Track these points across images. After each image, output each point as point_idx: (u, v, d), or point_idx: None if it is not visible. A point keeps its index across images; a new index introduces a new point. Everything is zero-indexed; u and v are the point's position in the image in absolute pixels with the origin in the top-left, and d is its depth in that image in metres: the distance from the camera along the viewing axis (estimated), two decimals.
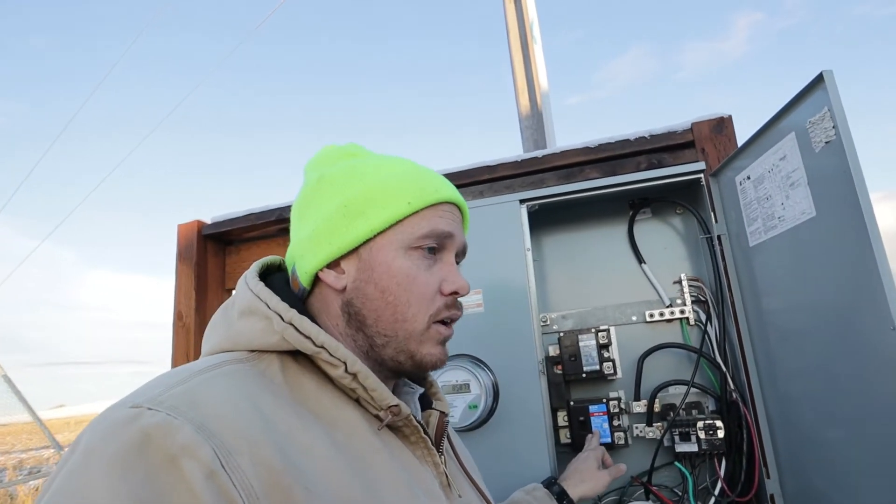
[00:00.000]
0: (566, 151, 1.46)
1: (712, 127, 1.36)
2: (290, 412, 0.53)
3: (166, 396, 0.47)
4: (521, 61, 4.56)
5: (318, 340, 0.57)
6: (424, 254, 0.64)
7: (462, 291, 0.66)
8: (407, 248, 0.64)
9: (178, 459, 0.43)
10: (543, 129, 4.42)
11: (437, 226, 0.65)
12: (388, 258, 0.63)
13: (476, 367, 1.27)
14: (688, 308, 1.35)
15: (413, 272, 0.63)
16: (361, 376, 0.58)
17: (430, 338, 0.64)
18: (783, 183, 1.01)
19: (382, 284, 0.63)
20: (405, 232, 0.64)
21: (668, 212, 1.44)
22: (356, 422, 0.58)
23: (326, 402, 0.58)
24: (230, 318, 0.63)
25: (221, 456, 0.44)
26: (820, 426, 1.02)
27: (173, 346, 1.80)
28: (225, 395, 0.50)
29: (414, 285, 0.63)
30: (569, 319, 1.45)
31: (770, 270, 1.11)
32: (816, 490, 1.05)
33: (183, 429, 0.44)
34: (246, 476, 0.45)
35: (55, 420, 21.54)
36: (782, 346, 1.10)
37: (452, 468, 0.71)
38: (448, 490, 0.64)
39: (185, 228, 1.89)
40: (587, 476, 1.08)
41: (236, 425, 0.47)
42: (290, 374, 0.58)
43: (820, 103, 0.88)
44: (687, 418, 1.22)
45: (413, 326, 0.63)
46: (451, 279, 0.65)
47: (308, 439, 0.52)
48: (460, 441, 0.86)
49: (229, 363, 0.56)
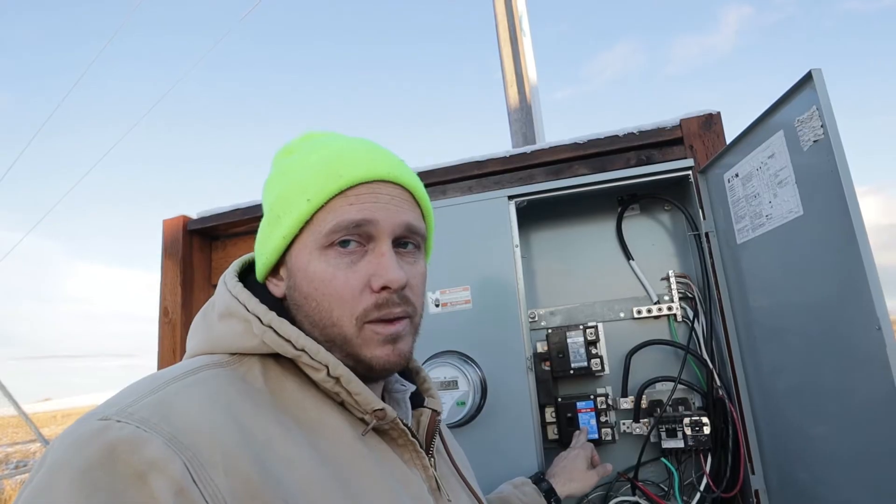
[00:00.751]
0: (555, 147, 1.45)
1: (701, 123, 1.36)
2: (270, 420, 0.51)
3: (137, 407, 0.46)
4: (510, 54, 4.54)
5: (298, 344, 0.55)
6: (340, 251, 0.58)
7: (393, 285, 0.58)
8: (320, 249, 0.58)
9: (146, 476, 0.41)
10: (532, 123, 4.41)
11: (345, 216, 0.58)
12: (304, 263, 0.59)
13: (464, 364, 1.27)
14: (675, 305, 1.35)
15: (328, 274, 0.58)
16: (344, 380, 0.56)
17: (367, 340, 0.58)
18: (771, 181, 1.01)
19: (304, 291, 0.59)
20: (314, 232, 0.59)
21: (657, 208, 1.44)
22: (340, 427, 0.56)
23: (309, 406, 0.56)
24: (210, 320, 0.61)
25: (193, 470, 0.43)
26: (804, 422, 1.03)
27: (159, 342, 1.78)
28: (199, 404, 0.48)
29: (330, 287, 0.57)
30: (557, 315, 1.45)
31: (757, 268, 1.12)
32: (800, 485, 1.06)
33: (152, 442, 0.42)
34: (219, 490, 0.43)
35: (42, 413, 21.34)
36: (768, 344, 1.11)
37: (444, 469, 0.69)
38: (437, 494, 0.62)
39: (170, 224, 1.86)
40: (576, 475, 1.08)
41: (210, 436, 0.45)
42: (271, 378, 0.56)
43: (808, 102, 0.88)
44: (673, 414, 1.23)
45: (342, 331, 0.58)
46: (379, 272, 0.58)
47: (289, 449, 0.50)
48: (454, 439, 0.84)
49: (208, 368, 0.54)
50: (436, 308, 1.35)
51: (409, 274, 0.61)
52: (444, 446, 0.72)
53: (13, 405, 6.78)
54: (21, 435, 9.86)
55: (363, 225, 0.58)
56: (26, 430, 7.23)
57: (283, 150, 0.68)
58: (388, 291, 0.58)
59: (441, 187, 1.55)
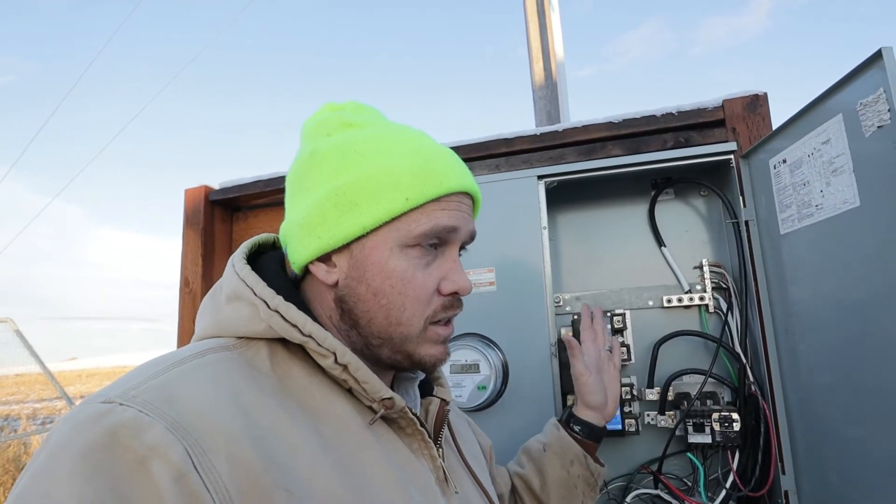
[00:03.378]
0: (588, 126, 1.39)
1: (745, 105, 1.28)
2: (275, 405, 0.50)
3: (141, 390, 0.45)
4: (537, 28, 4.42)
5: (305, 330, 0.54)
6: (423, 251, 0.59)
7: (463, 292, 0.61)
8: (403, 247, 0.58)
9: (147, 461, 0.40)
10: (557, 101, 4.30)
11: (439, 222, 0.58)
12: (382, 258, 0.58)
13: (486, 347, 1.23)
14: (708, 295, 1.30)
15: (409, 273, 0.58)
16: (352, 367, 0.55)
17: (427, 339, 0.60)
18: (824, 169, 0.94)
19: (375, 286, 0.58)
20: (401, 229, 0.58)
21: (692, 193, 1.38)
22: (347, 414, 0.55)
23: (316, 392, 0.55)
24: (218, 303, 0.60)
25: (194, 456, 0.42)
26: (840, 424, 0.98)
27: (180, 312, 1.78)
28: (204, 388, 0.47)
29: (409, 287, 0.58)
30: (583, 301, 1.41)
31: (800, 260, 1.05)
32: (833, 488, 1.01)
33: (154, 427, 0.42)
34: (220, 477, 0.42)
35: (68, 372, 22.07)
36: (807, 340, 1.05)
37: (452, 460, 0.68)
38: (445, 485, 0.61)
39: (191, 193, 1.85)
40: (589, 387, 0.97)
41: (214, 422, 0.45)
42: (278, 363, 0.55)
43: (875, 83, 0.81)
44: (702, 409, 1.18)
45: (408, 330, 0.59)
46: (452, 278, 0.60)
47: (293, 435, 0.49)
48: (465, 427, 0.83)
49: (214, 351, 0.53)
50: None
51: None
52: (453, 436, 0.71)
53: (38, 363, 7.00)
54: (48, 392, 10.20)
55: (451, 232, 0.60)
56: (53, 388, 7.47)
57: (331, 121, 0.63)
58: (455, 296, 0.62)
59: (467, 164, 1.50)
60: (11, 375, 8.90)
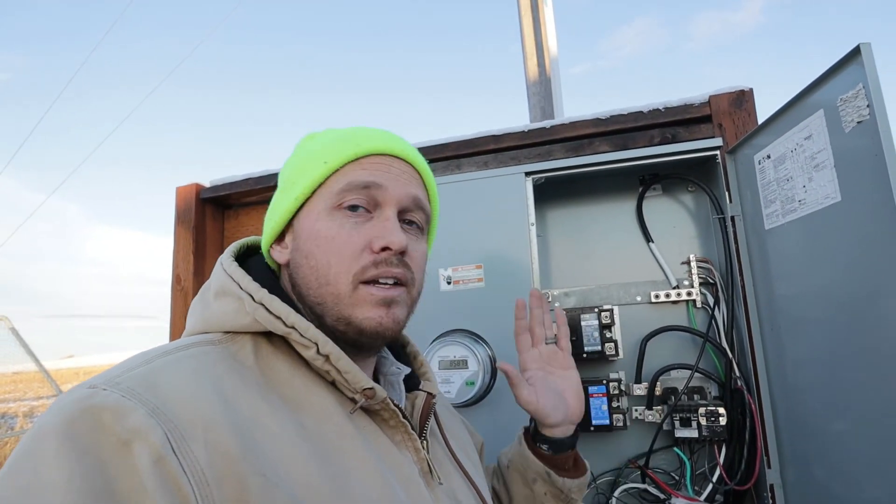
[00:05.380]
0: (575, 123, 1.39)
1: (731, 101, 1.29)
2: (256, 396, 0.51)
3: (125, 378, 0.47)
4: (531, 24, 4.40)
5: (288, 321, 0.56)
6: (347, 213, 0.60)
7: (394, 246, 0.59)
8: (329, 209, 0.60)
9: (131, 443, 0.42)
10: (551, 97, 4.29)
11: (357, 177, 0.60)
12: (311, 223, 0.61)
13: (474, 343, 1.24)
14: (695, 290, 1.30)
15: (333, 232, 0.59)
16: (333, 357, 0.56)
17: (360, 300, 0.58)
18: (807, 164, 0.95)
19: (306, 250, 0.60)
20: (325, 194, 0.61)
21: (680, 189, 1.38)
22: (329, 406, 0.56)
23: (299, 384, 0.56)
24: (206, 300, 0.62)
25: (173, 440, 0.43)
26: (826, 418, 0.99)
27: (172, 309, 1.78)
28: (186, 377, 0.49)
29: (333, 245, 0.59)
30: (571, 297, 1.41)
31: (785, 255, 1.06)
32: (817, 482, 1.02)
33: (135, 411, 0.43)
34: (198, 462, 0.43)
35: (65, 370, 21.99)
36: (792, 334, 1.06)
37: (438, 453, 0.68)
38: (429, 477, 0.61)
39: (183, 191, 1.85)
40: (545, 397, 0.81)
41: (193, 408, 0.46)
42: (262, 357, 0.57)
43: (854, 79, 0.82)
44: (688, 403, 1.19)
45: (336, 289, 0.58)
46: (382, 234, 0.59)
47: (273, 425, 0.50)
48: (458, 425, 0.83)
49: (198, 345, 0.54)
50: (447, 285, 1.32)
51: (411, 247, 0.62)
52: (440, 429, 0.71)
53: (34, 361, 6.98)
54: (45, 390, 10.18)
55: (372, 188, 0.60)
56: (50, 386, 7.46)
57: (307, 136, 0.70)
58: (388, 252, 0.59)
59: (455, 161, 1.50)
60: (8, 373, 8.88)
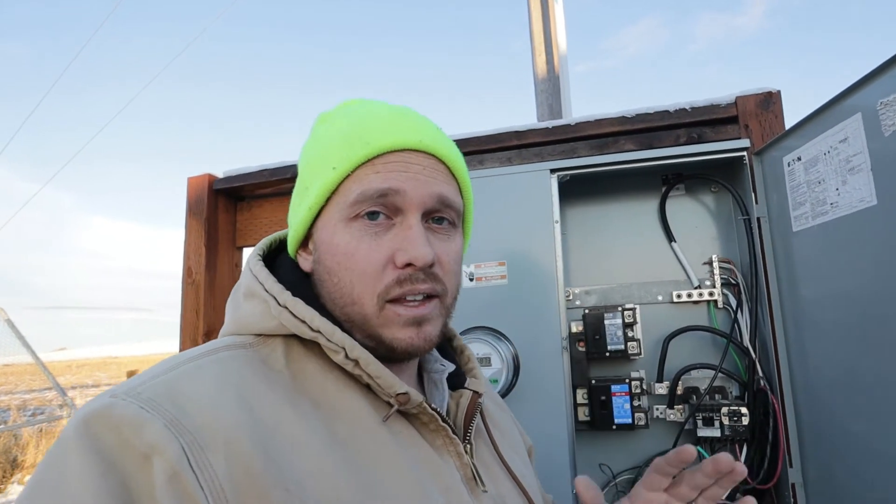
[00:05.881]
0: (601, 120, 1.39)
1: (759, 102, 1.29)
2: (282, 402, 0.49)
3: (147, 386, 0.45)
4: (540, 20, 4.39)
5: (313, 325, 0.53)
6: (366, 223, 0.54)
7: (417, 262, 0.53)
8: (345, 220, 0.54)
9: (150, 458, 0.41)
10: (559, 94, 4.28)
11: (371, 185, 0.53)
12: (329, 235, 0.56)
13: (497, 341, 1.24)
14: (717, 291, 1.31)
15: (352, 247, 0.54)
16: (363, 362, 0.52)
17: (388, 321, 0.54)
18: (841, 167, 0.95)
19: (327, 265, 0.56)
20: (339, 202, 0.55)
21: (703, 189, 1.38)
22: (362, 411, 0.52)
23: (331, 388, 0.53)
24: (237, 300, 0.59)
25: (191, 454, 0.41)
26: (846, 418, 1.00)
27: (182, 302, 1.77)
28: (208, 385, 0.47)
29: (353, 262, 0.54)
30: (592, 295, 1.42)
31: (812, 258, 1.06)
32: (838, 481, 1.03)
33: (152, 423, 0.42)
34: (216, 476, 0.42)
35: (57, 362, 21.86)
36: (816, 336, 1.07)
37: (484, 456, 0.63)
38: (473, 483, 0.57)
39: (194, 182, 1.83)
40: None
41: (214, 420, 0.44)
42: (293, 360, 0.54)
43: (895, 84, 0.82)
44: (710, 403, 1.20)
45: (362, 309, 0.54)
46: (404, 247, 0.53)
47: (299, 433, 0.47)
48: (508, 422, 0.77)
49: (228, 349, 0.52)
50: (470, 282, 1.32)
51: (441, 250, 0.57)
52: (487, 430, 0.65)
53: (30, 353, 6.92)
54: (38, 383, 10.11)
55: (389, 195, 0.54)
56: (43, 378, 7.39)
57: (319, 118, 0.63)
58: (412, 268, 0.54)
59: (478, 157, 1.50)
60: (0, 365, 8.81)
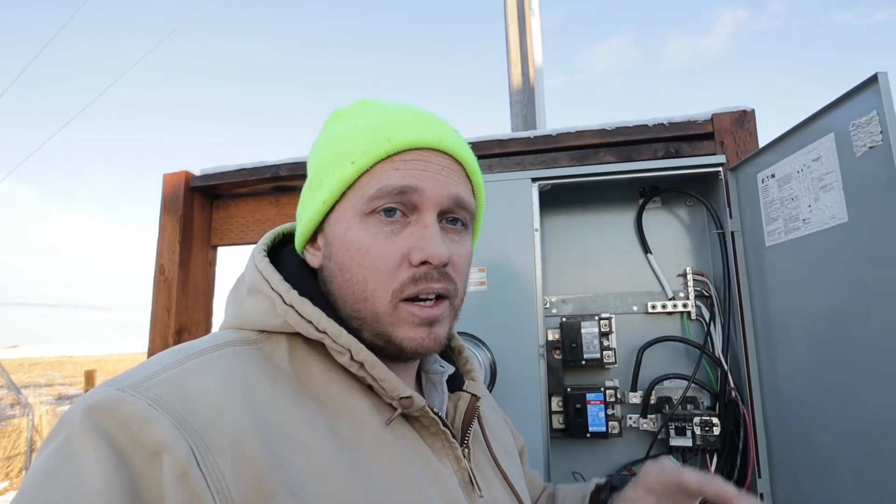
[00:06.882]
0: (582, 132, 1.41)
1: (734, 120, 1.33)
2: (289, 402, 0.48)
3: (154, 382, 0.44)
4: (517, 33, 4.44)
5: (319, 326, 0.52)
6: (382, 219, 0.54)
7: (434, 260, 0.53)
8: (361, 216, 0.54)
9: (160, 455, 0.40)
10: (534, 106, 4.34)
11: (390, 181, 0.53)
12: (343, 229, 0.55)
13: (475, 347, 1.24)
14: (690, 302, 1.34)
15: (367, 243, 0.53)
16: (368, 365, 0.52)
17: (400, 319, 0.54)
18: (814, 185, 0.98)
19: (339, 261, 0.55)
20: (356, 197, 0.55)
21: (679, 203, 1.42)
22: (366, 412, 0.53)
23: (334, 389, 0.53)
24: (240, 295, 0.58)
25: (199, 454, 0.41)
26: (812, 430, 1.02)
27: (153, 300, 1.72)
28: (214, 384, 0.46)
29: (367, 258, 0.53)
30: (569, 304, 1.43)
31: (784, 272, 1.10)
32: (805, 493, 1.06)
33: (160, 422, 0.41)
34: (223, 477, 0.41)
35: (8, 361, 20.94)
36: (786, 349, 1.10)
37: (480, 460, 0.64)
38: (469, 488, 0.58)
39: (171, 178, 1.79)
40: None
41: (220, 420, 0.43)
42: (297, 358, 0.54)
43: (868, 105, 0.85)
44: (683, 413, 1.22)
45: (375, 307, 0.54)
46: (420, 245, 0.53)
47: (305, 434, 0.47)
48: (500, 424, 0.78)
49: (232, 344, 0.52)
50: None
51: (453, 251, 0.57)
52: (483, 433, 0.66)
53: None
54: None
55: (407, 192, 0.54)
56: None
57: (332, 115, 0.64)
58: (427, 266, 0.54)
59: None
60: None
